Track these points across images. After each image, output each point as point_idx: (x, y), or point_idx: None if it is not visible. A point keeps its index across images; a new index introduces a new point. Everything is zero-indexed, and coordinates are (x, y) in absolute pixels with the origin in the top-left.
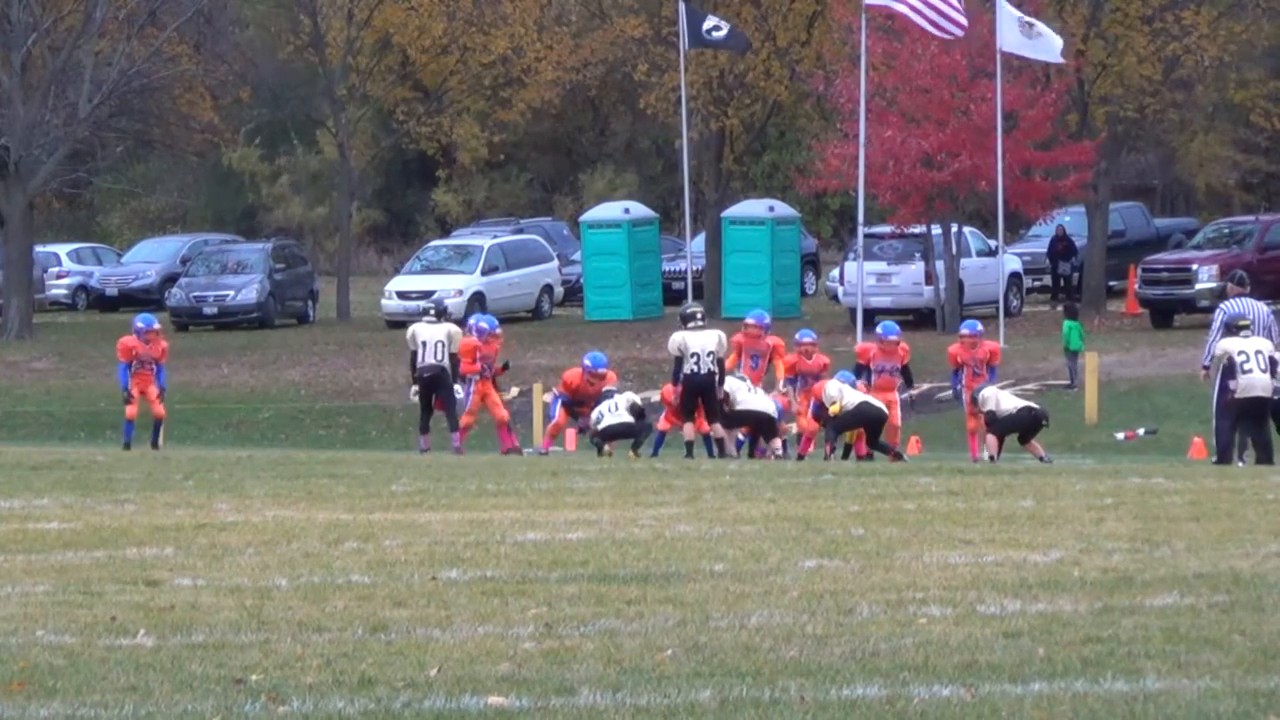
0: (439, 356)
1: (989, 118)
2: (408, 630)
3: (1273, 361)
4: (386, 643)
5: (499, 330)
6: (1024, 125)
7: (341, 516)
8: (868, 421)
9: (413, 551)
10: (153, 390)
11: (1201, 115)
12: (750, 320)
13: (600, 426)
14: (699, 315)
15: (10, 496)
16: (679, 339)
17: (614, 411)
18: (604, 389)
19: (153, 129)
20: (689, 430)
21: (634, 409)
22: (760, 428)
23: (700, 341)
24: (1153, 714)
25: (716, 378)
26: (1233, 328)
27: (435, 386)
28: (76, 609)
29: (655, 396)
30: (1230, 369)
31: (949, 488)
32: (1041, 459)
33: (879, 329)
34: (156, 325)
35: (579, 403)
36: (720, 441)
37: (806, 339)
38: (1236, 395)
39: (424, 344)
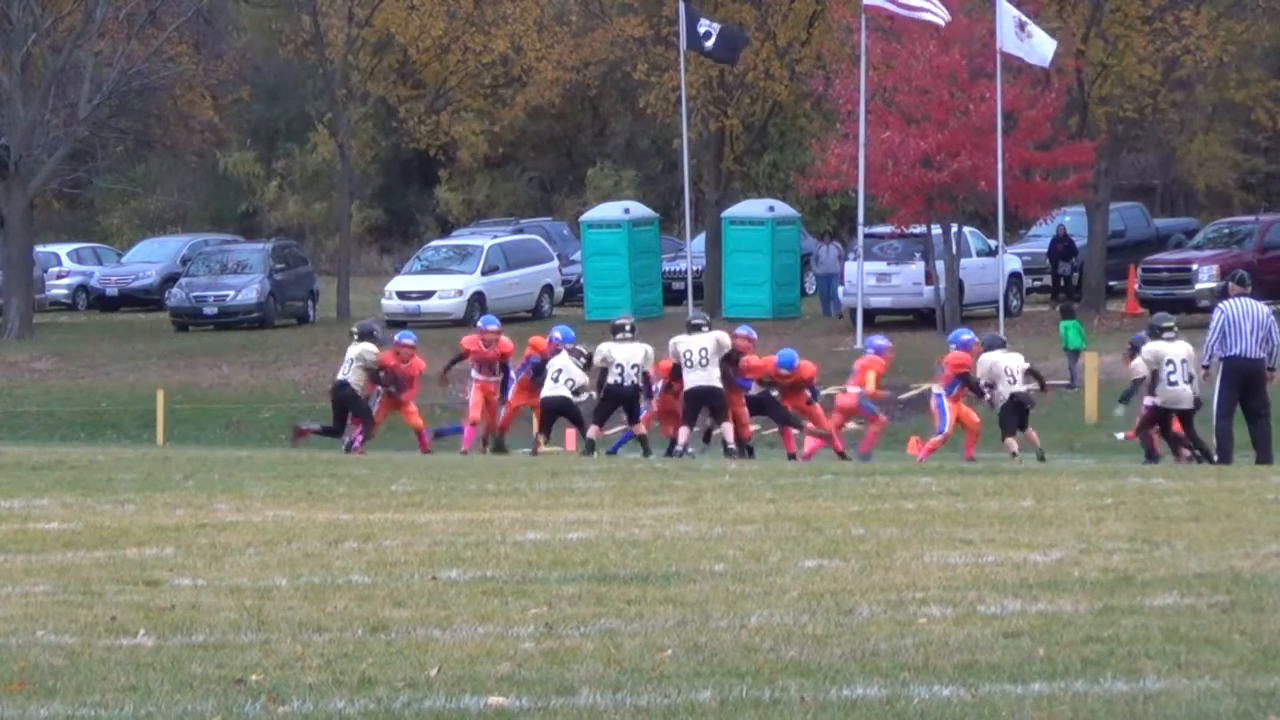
0: (345, 373)
1: (988, 118)
2: (408, 630)
3: (1191, 375)
4: (386, 643)
5: (492, 327)
6: (1024, 125)
7: (341, 516)
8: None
9: (413, 551)
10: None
11: (1201, 115)
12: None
13: (542, 396)
14: (628, 327)
15: (10, 496)
16: (605, 349)
17: (555, 383)
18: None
19: (153, 129)
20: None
21: (583, 361)
22: (712, 406)
23: (625, 354)
24: (1153, 714)
25: (639, 390)
26: (1156, 329)
27: (341, 403)
28: (76, 609)
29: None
30: (1156, 376)
31: (949, 488)
32: (1014, 455)
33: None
34: (496, 325)
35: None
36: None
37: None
38: (1160, 404)
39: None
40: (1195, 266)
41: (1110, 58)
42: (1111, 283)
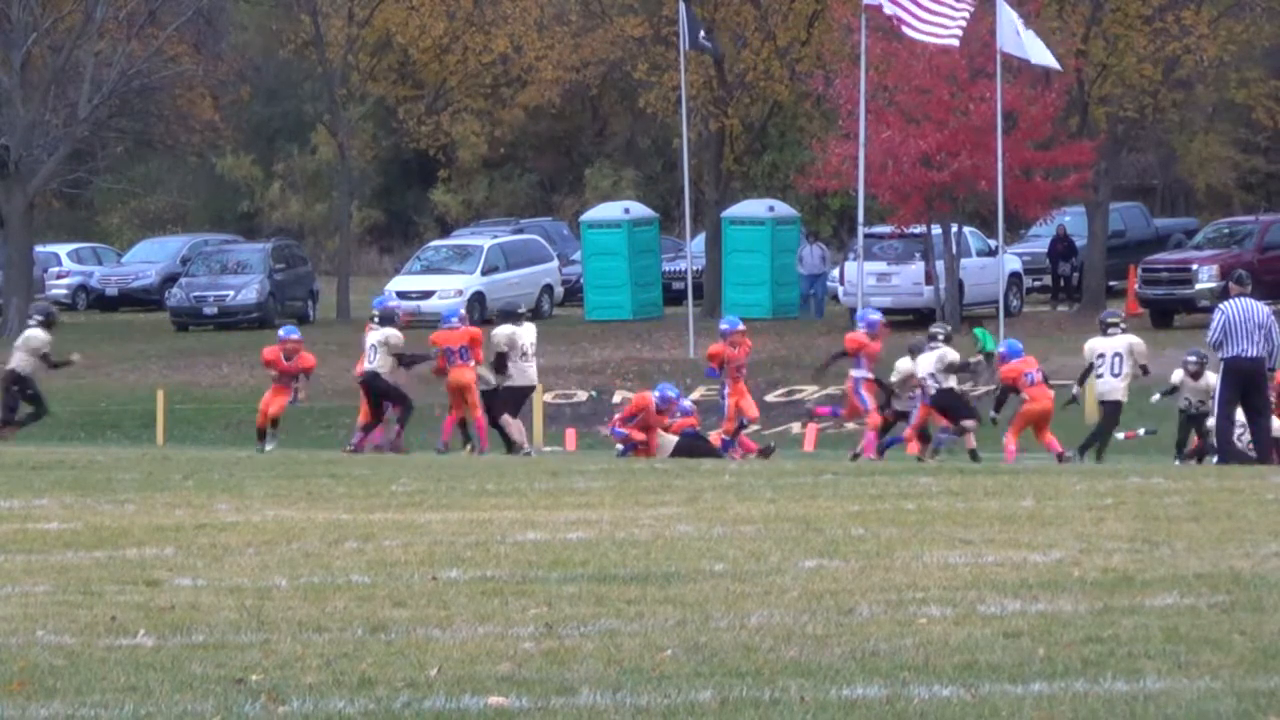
0: (372, 362)
1: (989, 118)
2: (408, 630)
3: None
4: (386, 643)
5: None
6: (1024, 125)
7: (341, 516)
8: None
9: (413, 551)
10: None
11: (1201, 115)
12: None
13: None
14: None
15: (10, 496)
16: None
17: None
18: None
19: (153, 129)
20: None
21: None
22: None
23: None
24: (1153, 714)
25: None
26: (1103, 324)
27: (369, 392)
28: (76, 609)
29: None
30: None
31: (949, 488)
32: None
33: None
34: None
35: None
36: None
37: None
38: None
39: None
40: (1195, 266)
41: (1110, 57)
42: (1112, 283)
